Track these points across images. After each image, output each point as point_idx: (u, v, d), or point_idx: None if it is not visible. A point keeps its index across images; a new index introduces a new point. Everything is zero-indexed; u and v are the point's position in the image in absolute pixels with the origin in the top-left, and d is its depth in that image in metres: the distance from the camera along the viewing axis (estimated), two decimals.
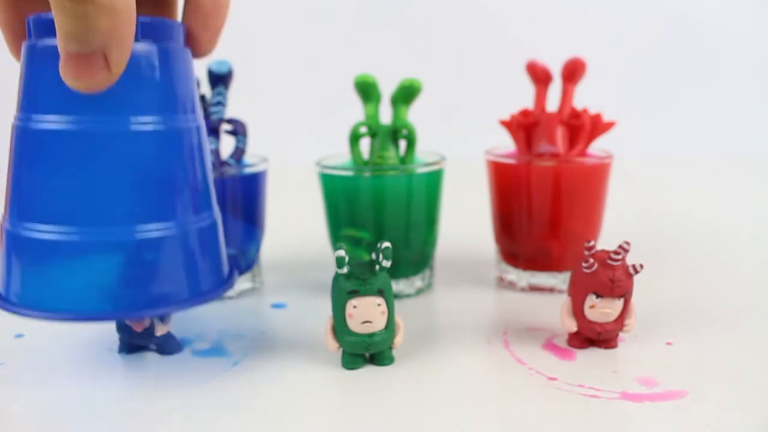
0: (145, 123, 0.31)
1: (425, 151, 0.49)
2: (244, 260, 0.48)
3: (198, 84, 0.46)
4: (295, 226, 0.67)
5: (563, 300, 0.37)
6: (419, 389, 0.33)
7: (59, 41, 0.26)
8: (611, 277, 0.35)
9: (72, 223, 0.30)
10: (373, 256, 0.34)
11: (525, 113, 0.48)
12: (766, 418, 0.29)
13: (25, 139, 0.31)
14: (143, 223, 0.31)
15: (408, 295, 0.47)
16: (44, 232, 0.30)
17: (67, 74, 0.27)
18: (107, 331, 0.39)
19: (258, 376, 0.35)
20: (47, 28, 0.29)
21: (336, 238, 0.47)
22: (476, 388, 0.33)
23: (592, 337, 0.36)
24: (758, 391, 0.32)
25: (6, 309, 0.31)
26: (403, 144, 0.47)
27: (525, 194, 0.46)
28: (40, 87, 0.30)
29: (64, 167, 0.30)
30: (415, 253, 0.47)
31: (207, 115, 0.47)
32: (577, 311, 0.36)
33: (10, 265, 0.32)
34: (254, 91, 0.68)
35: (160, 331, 0.36)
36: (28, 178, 0.31)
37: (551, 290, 0.47)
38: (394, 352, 0.36)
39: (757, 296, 0.45)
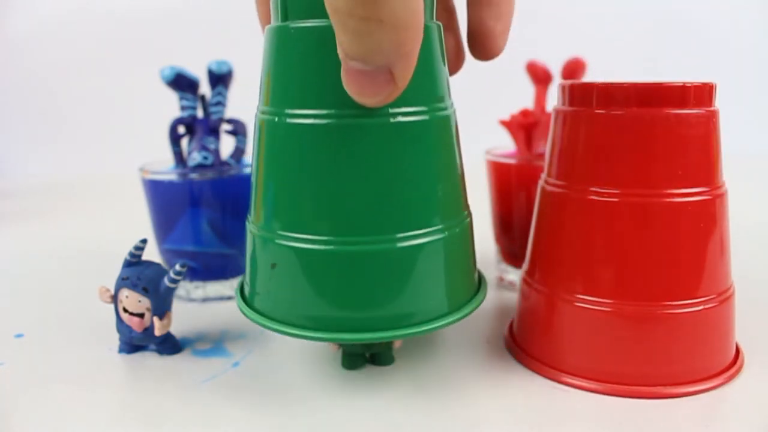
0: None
1: None
2: (244, 260, 0.48)
3: (198, 84, 0.47)
4: None
5: None
6: (419, 389, 0.33)
7: (341, 55, 0.24)
8: None
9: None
10: None
11: (525, 113, 0.48)
12: (767, 418, 0.29)
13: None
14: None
15: None
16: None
17: (350, 88, 0.25)
18: (107, 331, 0.39)
19: (258, 376, 0.35)
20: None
21: None
22: (476, 388, 0.33)
23: None
24: (758, 391, 0.32)
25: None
26: None
27: (525, 194, 0.46)
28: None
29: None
30: None
31: (207, 115, 0.47)
32: None
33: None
34: (254, 91, 0.68)
35: (159, 331, 0.36)
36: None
37: None
38: (394, 352, 0.36)
39: (757, 297, 0.45)
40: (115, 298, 0.37)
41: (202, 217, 0.45)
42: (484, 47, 0.33)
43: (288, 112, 0.28)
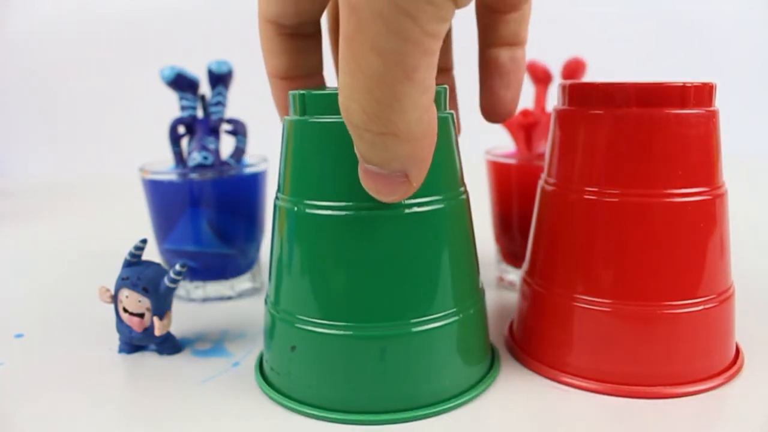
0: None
1: None
2: (244, 260, 0.48)
3: (198, 84, 0.47)
4: None
5: None
6: None
7: (358, 157, 0.25)
8: None
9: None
10: None
11: (525, 113, 0.48)
12: (767, 418, 0.29)
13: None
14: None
15: None
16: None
17: (367, 186, 0.26)
18: (107, 331, 0.39)
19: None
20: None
21: None
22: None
23: None
24: (758, 391, 0.32)
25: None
26: None
27: (525, 194, 0.46)
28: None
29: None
30: None
31: (207, 115, 0.47)
32: None
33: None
34: (254, 91, 0.68)
35: (159, 331, 0.36)
36: None
37: None
38: None
39: (757, 297, 0.45)
40: (115, 298, 0.37)
41: (202, 217, 0.45)
42: (494, 112, 0.35)
43: (306, 202, 0.29)
